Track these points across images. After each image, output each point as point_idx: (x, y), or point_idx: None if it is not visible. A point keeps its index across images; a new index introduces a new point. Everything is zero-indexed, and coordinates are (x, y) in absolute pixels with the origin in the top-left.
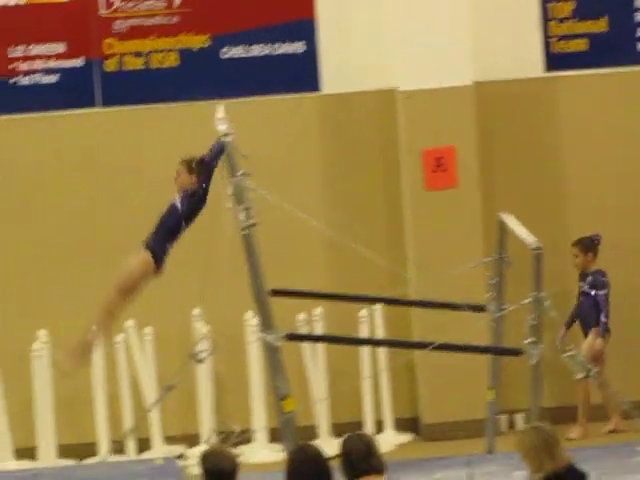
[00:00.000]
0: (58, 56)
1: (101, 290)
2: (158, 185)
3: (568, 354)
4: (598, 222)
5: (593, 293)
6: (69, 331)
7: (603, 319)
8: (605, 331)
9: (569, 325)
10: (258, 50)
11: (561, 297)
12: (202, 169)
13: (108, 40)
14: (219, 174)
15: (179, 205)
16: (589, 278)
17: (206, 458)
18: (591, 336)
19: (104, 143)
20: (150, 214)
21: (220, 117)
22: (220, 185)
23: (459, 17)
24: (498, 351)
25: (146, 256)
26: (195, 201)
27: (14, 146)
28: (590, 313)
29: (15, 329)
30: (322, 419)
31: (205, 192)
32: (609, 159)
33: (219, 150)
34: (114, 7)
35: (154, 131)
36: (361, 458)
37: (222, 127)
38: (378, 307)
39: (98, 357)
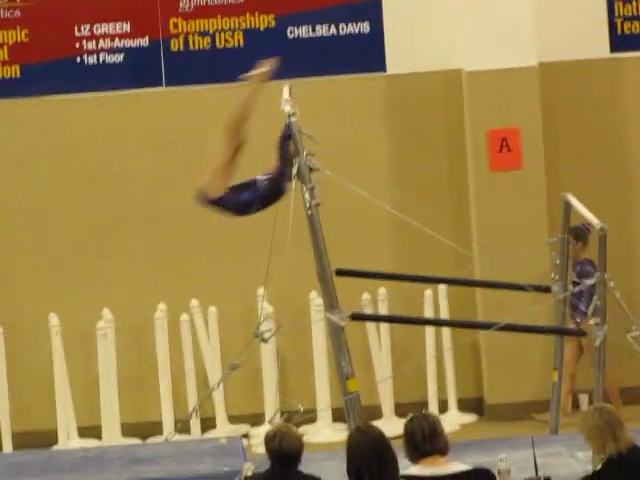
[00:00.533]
0: (124, 35)
1: (164, 270)
2: None
3: (632, 335)
4: None
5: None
6: (133, 310)
7: (582, 308)
8: (583, 320)
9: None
10: (324, 30)
11: (626, 278)
12: (281, 156)
13: (173, 19)
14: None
15: (262, 184)
16: (577, 267)
17: (272, 438)
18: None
19: (169, 123)
20: None
21: (285, 97)
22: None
23: None
24: (563, 332)
25: (222, 186)
26: (278, 188)
27: (79, 125)
28: (577, 302)
29: (79, 308)
30: (386, 399)
31: (283, 179)
32: None
33: (286, 136)
34: None
35: (219, 111)
36: (425, 439)
37: (287, 107)
38: (442, 287)
39: (162, 336)
